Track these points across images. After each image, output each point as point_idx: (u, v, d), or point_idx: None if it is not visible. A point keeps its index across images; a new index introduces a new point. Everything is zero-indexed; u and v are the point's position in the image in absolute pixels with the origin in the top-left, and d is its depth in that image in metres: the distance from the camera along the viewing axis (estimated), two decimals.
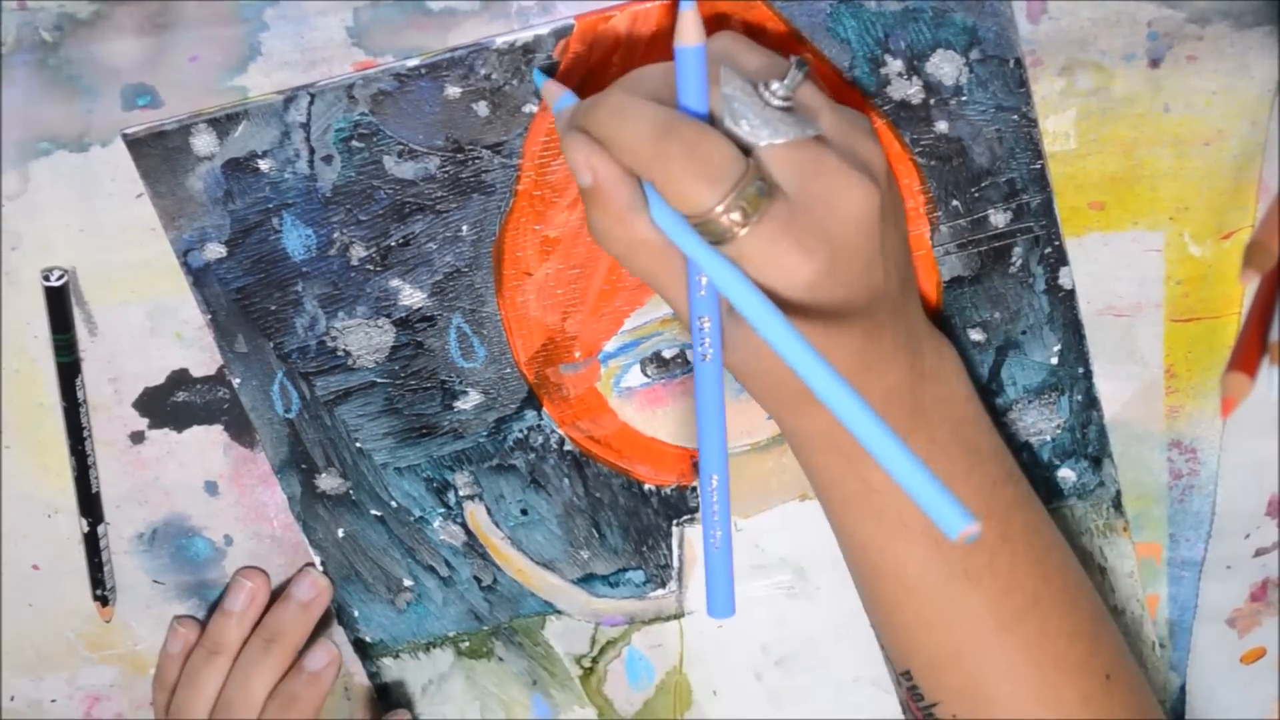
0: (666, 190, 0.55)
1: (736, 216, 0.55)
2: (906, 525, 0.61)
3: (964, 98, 0.64)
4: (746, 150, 0.56)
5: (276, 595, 0.75)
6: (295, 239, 0.67)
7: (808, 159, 0.56)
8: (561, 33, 0.63)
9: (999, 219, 0.66)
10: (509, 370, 0.70)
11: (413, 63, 0.64)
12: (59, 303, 0.68)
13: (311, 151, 0.65)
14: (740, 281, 0.54)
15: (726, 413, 0.65)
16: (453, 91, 0.64)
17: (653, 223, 0.57)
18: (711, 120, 0.56)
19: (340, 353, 0.69)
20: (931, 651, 0.64)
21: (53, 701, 0.78)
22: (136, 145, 0.65)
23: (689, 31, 0.56)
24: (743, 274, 0.54)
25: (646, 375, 0.70)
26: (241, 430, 0.72)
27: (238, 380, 0.70)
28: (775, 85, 0.56)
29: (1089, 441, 0.71)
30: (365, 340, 0.69)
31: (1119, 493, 0.72)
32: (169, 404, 0.71)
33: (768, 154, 0.56)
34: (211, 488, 0.73)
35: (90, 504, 0.72)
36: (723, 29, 0.60)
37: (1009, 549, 0.63)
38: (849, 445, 0.60)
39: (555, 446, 0.72)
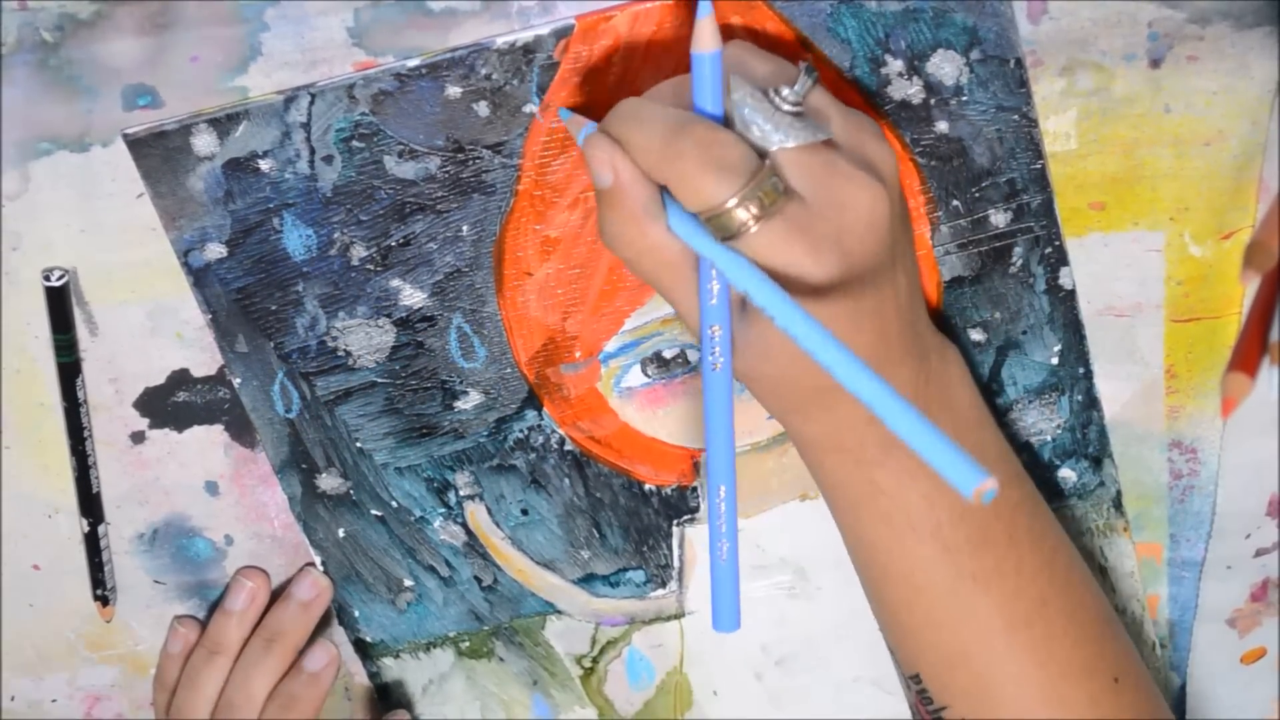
0: (681, 187, 0.55)
1: (753, 209, 0.55)
2: (914, 527, 0.61)
3: (964, 98, 0.64)
4: (762, 155, 0.56)
5: (277, 595, 0.75)
6: (296, 239, 0.67)
7: (819, 163, 0.56)
8: (562, 33, 0.63)
9: (999, 219, 0.66)
10: (509, 370, 0.70)
11: (413, 63, 0.64)
12: (59, 303, 0.68)
13: (312, 151, 0.65)
14: (755, 274, 0.54)
15: None
16: (453, 91, 0.64)
17: (667, 229, 0.57)
18: (727, 125, 0.57)
19: (341, 353, 0.69)
20: (939, 654, 0.64)
21: (53, 701, 0.78)
22: (137, 145, 0.65)
23: (705, 38, 0.56)
24: (757, 268, 0.55)
25: (647, 375, 0.70)
26: (242, 430, 0.72)
27: (238, 380, 0.70)
28: (785, 91, 0.56)
29: (1089, 441, 0.71)
30: (366, 340, 0.69)
31: (1119, 493, 0.72)
32: (169, 404, 0.71)
33: (780, 159, 0.56)
34: (212, 488, 0.73)
35: (90, 504, 0.72)
36: (730, 39, 0.60)
37: (1016, 551, 0.63)
38: (857, 448, 0.60)
39: (556, 446, 0.72)
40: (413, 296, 0.68)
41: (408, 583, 0.75)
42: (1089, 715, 0.63)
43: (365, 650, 0.77)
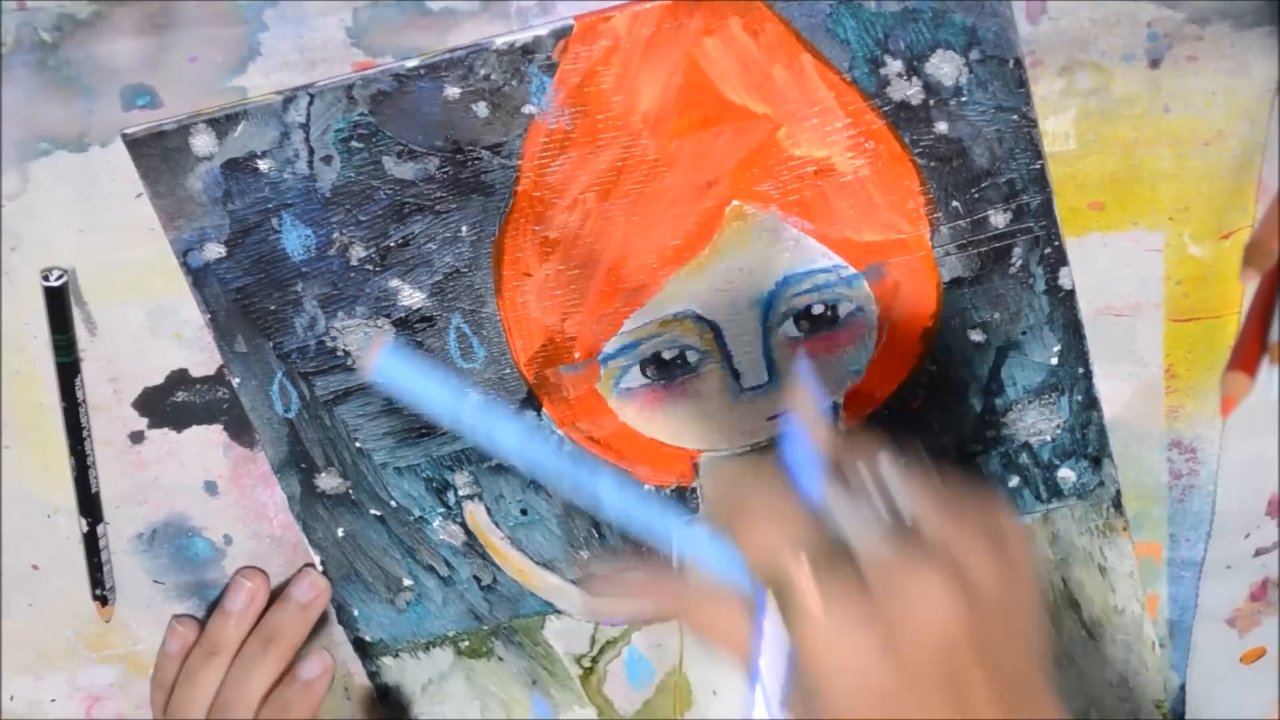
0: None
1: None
2: None
3: (964, 98, 0.64)
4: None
5: (276, 595, 0.75)
6: (295, 239, 0.67)
7: (893, 558, 0.51)
8: (561, 33, 0.63)
9: (999, 219, 0.66)
10: (508, 371, 0.70)
11: (412, 63, 0.64)
12: (58, 303, 0.68)
13: (311, 152, 0.65)
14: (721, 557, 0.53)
15: (727, 411, 0.65)
16: (452, 92, 0.64)
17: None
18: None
19: (340, 353, 0.69)
20: None
21: (52, 701, 0.78)
22: (136, 145, 0.65)
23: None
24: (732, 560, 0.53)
25: (646, 376, 0.70)
26: (241, 430, 0.72)
27: (237, 380, 0.70)
28: (898, 505, 0.53)
29: (1089, 441, 0.71)
30: (365, 340, 0.69)
31: (1119, 492, 0.72)
32: (168, 404, 0.71)
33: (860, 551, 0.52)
34: (211, 487, 0.73)
35: (90, 504, 0.72)
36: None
37: None
38: None
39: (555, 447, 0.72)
40: (412, 297, 0.68)
41: (407, 582, 0.75)
42: None
43: (364, 650, 0.77)
